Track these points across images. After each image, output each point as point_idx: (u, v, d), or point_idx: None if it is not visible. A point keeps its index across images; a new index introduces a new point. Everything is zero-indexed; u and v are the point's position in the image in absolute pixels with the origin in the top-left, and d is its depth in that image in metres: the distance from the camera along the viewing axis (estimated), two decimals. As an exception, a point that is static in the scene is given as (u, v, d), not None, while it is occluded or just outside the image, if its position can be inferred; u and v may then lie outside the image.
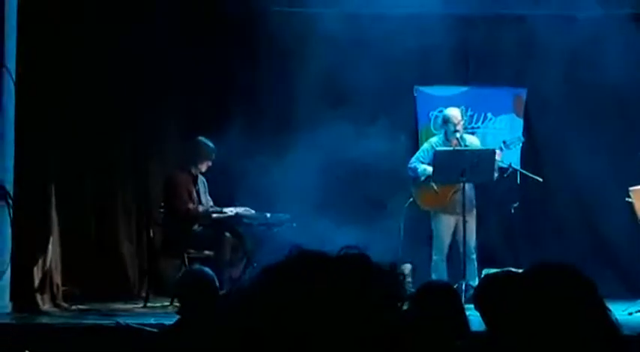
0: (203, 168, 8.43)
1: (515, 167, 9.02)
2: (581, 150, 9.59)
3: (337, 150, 9.15)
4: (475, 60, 9.92)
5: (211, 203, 8.56)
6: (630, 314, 7.60)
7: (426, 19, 9.29)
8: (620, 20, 9.15)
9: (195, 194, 8.40)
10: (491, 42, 9.56)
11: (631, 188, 8.44)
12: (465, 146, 8.77)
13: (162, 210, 8.52)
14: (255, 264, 8.03)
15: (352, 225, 8.44)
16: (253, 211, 8.46)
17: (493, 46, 9.58)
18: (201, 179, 8.55)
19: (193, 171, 8.43)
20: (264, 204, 8.70)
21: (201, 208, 8.37)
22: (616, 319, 2.01)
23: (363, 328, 1.45)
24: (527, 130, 9.84)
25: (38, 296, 7.87)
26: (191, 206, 8.30)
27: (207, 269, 5.16)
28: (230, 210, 8.38)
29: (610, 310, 2.01)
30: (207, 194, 8.58)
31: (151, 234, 8.58)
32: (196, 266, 6.63)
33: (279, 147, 9.48)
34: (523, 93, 9.92)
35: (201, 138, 8.44)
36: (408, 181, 8.95)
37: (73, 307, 8.12)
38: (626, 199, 8.46)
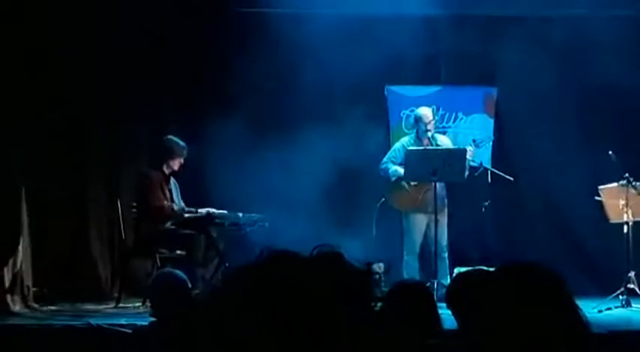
0: (175, 166, 8.40)
1: (486, 166, 9.06)
2: (552, 149, 9.66)
3: (309, 150, 9.16)
4: (446, 59, 9.96)
5: (183, 205, 8.53)
6: (600, 311, 7.66)
7: (397, 19, 9.32)
8: (592, 21, 9.23)
9: (167, 192, 8.38)
10: (463, 42, 9.59)
11: (600, 187, 8.52)
12: (437, 145, 8.81)
13: (134, 210, 8.48)
14: (227, 264, 8.02)
15: (324, 224, 8.46)
16: (225, 211, 8.44)
17: (464, 46, 9.62)
18: (173, 181, 8.52)
19: (165, 169, 8.40)
20: (237, 204, 8.69)
21: (175, 207, 8.35)
22: (586, 317, 2.02)
23: (336, 328, 1.46)
24: (498, 129, 9.89)
25: (9, 298, 7.81)
26: (165, 203, 8.27)
27: (178, 272, 5.15)
28: (203, 210, 8.36)
29: (580, 308, 2.03)
30: (179, 196, 8.55)
31: (123, 234, 8.53)
32: (168, 269, 6.61)
33: (250, 148, 9.48)
34: (494, 92, 9.96)
35: (170, 136, 8.43)
36: (380, 181, 8.97)
37: (44, 308, 8.09)
38: (596, 198, 8.53)
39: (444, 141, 9.00)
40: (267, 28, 9.41)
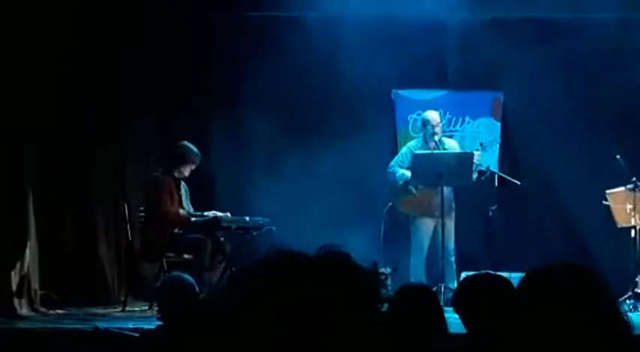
0: (186, 172, 8.38)
1: (493, 170, 9.06)
2: (559, 153, 9.64)
3: (316, 154, 9.16)
4: (453, 63, 9.95)
5: (192, 210, 8.52)
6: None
7: (404, 23, 9.32)
8: (600, 24, 9.21)
9: (177, 198, 8.36)
10: (470, 45, 9.59)
11: (608, 191, 8.50)
12: (444, 149, 8.80)
13: (141, 214, 8.48)
14: (234, 268, 8.01)
15: (332, 228, 8.45)
16: (231, 215, 8.43)
17: (471, 50, 9.61)
18: (183, 185, 8.50)
19: (176, 174, 8.37)
20: (244, 207, 8.70)
21: (182, 212, 8.34)
22: (628, 317, 1.98)
23: (342, 326, 1.46)
24: (505, 133, 9.87)
25: (16, 301, 7.82)
26: (173, 209, 8.25)
27: (186, 276, 5.15)
28: (210, 214, 8.36)
29: (623, 308, 2.00)
30: (188, 200, 8.54)
31: (130, 238, 8.53)
32: (176, 272, 6.60)
33: (258, 151, 9.50)
34: (501, 96, 9.96)
35: (185, 142, 8.40)
36: (387, 185, 8.97)
37: (51, 311, 8.09)
38: (603, 202, 8.52)
39: (452, 145, 8.99)
40: (275, 32, 9.43)
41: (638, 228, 8.27)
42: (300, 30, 9.18)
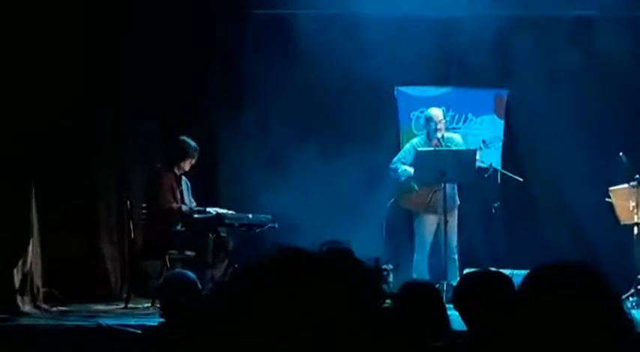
0: (186, 166, 8.39)
1: (496, 167, 9.05)
2: (562, 151, 9.64)
3: (318, 151, 9.16)
4: (456, 60, 9.94)
5: (194, 205, 8.54)
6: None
7: (407, 20, 9.31)
8: (603, 22, 9.21)
9: (178, 193, 8.37)
10: (473, 43, 9.58)
11: (611, 188, 8.49)
12: (447, 146, 8.80)
13: (144, 211, 8.49)
14: (236, 265, 8.01)
15: (334, 225, 8.45)
16: (234, 212, 8.44)
17: (474, 47, 9.60)
18: (184, 180, 8.52)
19: (176, 170, 8.39)
20: (247, 205, 8.70)
21: (184, 207, 8.35)
22: (632, 315, 1.98)
23: (344, 323, 1.45)
24: (508, 131, 9.87)
25: (18, 298, 7.82)
26: (174, 205, 8.26)
27: (189, 273, 5.16)
28: (212, 210, 8.37)
29: (626, 306, 2.00)
30: (190, 195, 8.56)
31: (132, 235, 8.54)
32: (178, 269, 6.62)
33: (261, 148, 9.50)
34: (504, 93, 9.95)
35: (183, 137, 8.41)
36: (390, 182, 8.97)
37: (54, 308, 8.09)
38: (606, 199, 8.51)
39: (456, 139, 8.96)
40: (279, 29, 9.42)
41: (641, 225, 8.27)
42: (303, 27, 9.17)
